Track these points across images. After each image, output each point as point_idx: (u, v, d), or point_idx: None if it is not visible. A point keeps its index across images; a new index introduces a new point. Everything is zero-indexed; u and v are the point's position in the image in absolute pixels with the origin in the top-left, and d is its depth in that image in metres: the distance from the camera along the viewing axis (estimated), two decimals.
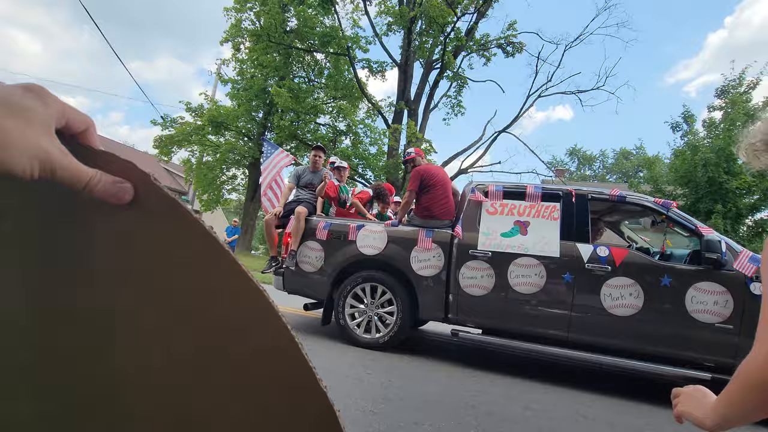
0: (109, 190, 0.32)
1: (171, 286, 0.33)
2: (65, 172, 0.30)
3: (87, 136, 0.34)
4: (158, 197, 0.32)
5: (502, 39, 17.88)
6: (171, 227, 0.32)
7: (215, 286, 0.33)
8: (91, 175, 0.31)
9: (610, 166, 50.29)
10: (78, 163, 0.31)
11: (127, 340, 0.34)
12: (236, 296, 0.32)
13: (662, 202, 3.57)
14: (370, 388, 2.79)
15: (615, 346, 3.37)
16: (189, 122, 17.98)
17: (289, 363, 0.34)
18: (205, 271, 0.32)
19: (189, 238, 0.32)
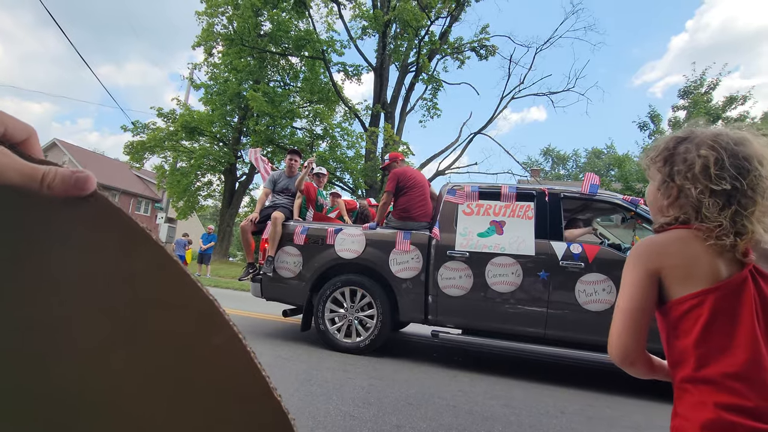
0: (68, 182, 0.29)
1: (118, 296, 0.32)
2: (13, 172, 0.28)
3: (28, 146, 0.32)
4: (104, 204, 0.30)
5: (476, 42, 18.20)
6: (116, 235, 0.30)
7: (163, 298, 0.31)
8: (44, 171, 0.29)
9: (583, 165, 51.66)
10: (26, 162, 0.29)
11: (74, 353, 0.33)
12: (184, 305, 0.31)
13: (630, 199, 3.68)
14: (351, 392, 2.77)
15: (591, 341, 3.44)
16: (161, 128, 17.56)
17: (241, 371, 0.33)
18: (151, 280, 0.31)
19: (134, 247, 0.30)
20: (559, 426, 2.51)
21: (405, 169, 4.33)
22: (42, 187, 0.29)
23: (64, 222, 0.30)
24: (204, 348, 0.32)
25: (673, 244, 0.77)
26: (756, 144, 0.75)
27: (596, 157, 48.72)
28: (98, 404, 0.33)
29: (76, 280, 0.31)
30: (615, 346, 0.79)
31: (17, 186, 0.28)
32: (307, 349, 3.95)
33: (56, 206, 0.30)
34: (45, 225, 0.31)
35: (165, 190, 18.67)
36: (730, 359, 0.68)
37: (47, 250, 0.31)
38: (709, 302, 0.70)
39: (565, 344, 3.53)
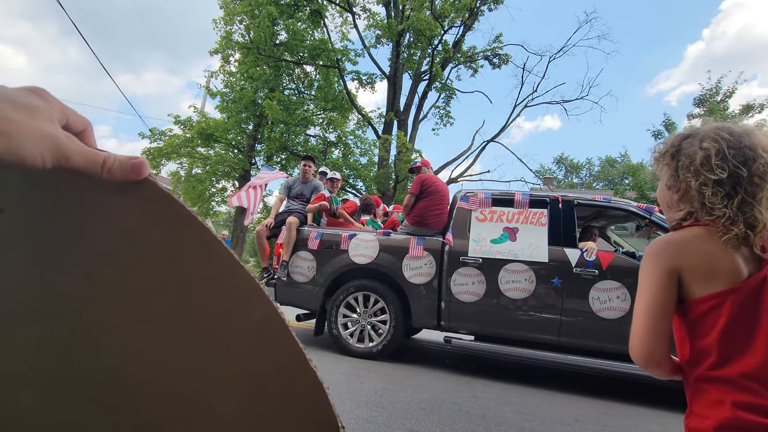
0: (126, 167, 0.32)
1: (167, 277, 0.35)
2: (79, 156, 0.31)
3: (85, 137, 0.34)
4: (153, 190, 0.33)
5: (489, 51, 18.24)
6: (166, 219, 0.33)
7: (210, 276, 0.34)
8: (104, 156, 0.32)
9: (597, 174, 51.02)
10: (89, 148, 0.32)
11: (124, 331, 0.36)
12: (228, 284, 0.34)
13: (645, 206, 3.66)
14: (364, 396, 2.79)
15: (605, 349, 3.42)
16: (177, 134, 17.90)
17: (279, 344, 0.36)
18: (201, 261, 0.34)
19: (184, 230, 0.33)
20: None
21: (431, 176, 4.39)
22: (103, 171, 0.32)
23: (121, 205, 0.34)
24: (246, 321, 0.36)
25: (691, 241, 0.76)
26: (760, 134, 0.76)
27: (610, 165, 48.10)
28: (150, 379, 0.37)
29: (131, 259, 0.34)
30: (638, 348, 0.77)
31: (81, 170, 0.31)
32: (320, 353, 3.99)
33: (114, 190, 0.33)
34: (103, 208, 0.34)
35: (180, 195, 18.93)
36: (747, 359, 0.69)
37: (106, 231, 0.34)
38: (728, 303, 0.70)
39: (579, 352, 3.51)
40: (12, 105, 0.28)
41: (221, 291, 0.35)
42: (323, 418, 0.37)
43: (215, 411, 0.37)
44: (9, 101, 0.28)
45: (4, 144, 0.27)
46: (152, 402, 0.37)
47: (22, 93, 0.30)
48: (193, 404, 0.37)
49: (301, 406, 0.37)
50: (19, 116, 0.28)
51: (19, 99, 0.29)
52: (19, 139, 0.28)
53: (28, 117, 0.29)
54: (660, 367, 0.78)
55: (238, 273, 0.35)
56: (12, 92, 0.29)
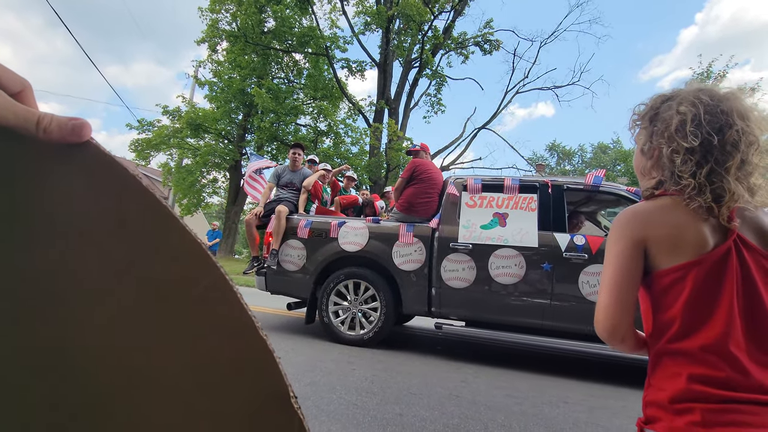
0: (65, 128, 0.30)
1: (114, 244, 0.33)
2: (9, 113, 0.28)
3: (24, 98, 0.32)
4: (97, 154, 0.31)
5: (479, 37, 18.10)
6: (112, 184, 0.32)
7: (156, 242, 0.33)
8: (40, 114, 0.29)
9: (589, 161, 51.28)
10: (22, 105, 0.29)
11: (70, 298, 0.34)
12: (176, 249, 0.33)
13: (635, 190, 3.66)
14: (355, 382, 2.79)
15: (594, 333, 3.43)
16: (166, 125, 17.64)
17: (228, 311, 0.34)
18: (147, 227, 0.33)
19: (130, 195, 0.32)
20: (562, 415, 2.52)
21: (425, 162, 4.33)
22: (38, 130, 0.29)
23: (60, 169, 0.31)
24: (194, 288, 0.34)
25: (657, 212, 0.74)
26: (740, 100, 0.72)
27: (602, 152, 48.29)
28: (95, 347, 0.35)
29: (73, 224, 0.32)
30: (602, 321, 0.76)
31: (12, 127, 0.28)
32: (311, 341, 3.98)
33: (52, 153, 0.30)
34: (43, 172, 0.31)
35: (170, 187, 18.77)
36: (707, 332, 0.68)
37: (45, 196, 0.32)
38: (691, 276, 0.69)
39: (569, 336, 3.53)
40: None
41: (168, 257, 0.34)
42: (276, 389, 0.36)
43: (162, 380, 0.35)
44: None
45: None
46: (99, 372, 0.36)
47: None
48: (138, 373, 0.35)
49: (253, 378, 0.36)
50: None
51: None
52: None
53: None
54: (624, 342, 0.77)
55: (186, 240, 0.33)
56: None
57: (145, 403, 0.36)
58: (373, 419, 2.21)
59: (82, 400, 0.36)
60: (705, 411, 0.64)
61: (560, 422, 2.40)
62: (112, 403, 0.36)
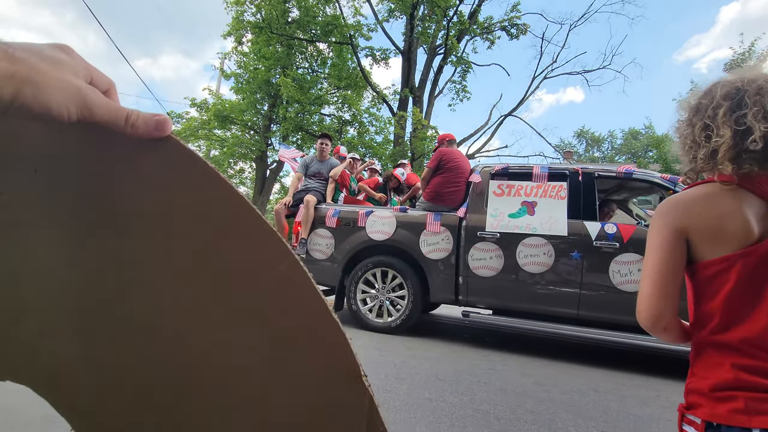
0: (150, 123, 0.32)
1: (196, 233, 0.36)
2: (103, 109, 0.31)
3: (110, 96, 0.35)
4: (177, 147, 0.34)
5: (506, 21, 17.63)
6: (192, 176, 0.34)
7: (237, 230, 0.36)
8: (128, 111, 0.33)
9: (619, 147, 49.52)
10: (113, 102, 0.32)
11: (157, 286, 0.37)
12: (255, 238, 0.35)
13: (669, 177, 3.56)
14: (384, 369, 2.86)
15: (626, 323, 3.39)
16: (195, 117, 18.08)
17: (304, 294, 0.37)
18: (227, 217, 0.35)
19: (210, 187, 0.34)
20: (592, 403, 2.52)
21: (451, 150, 4.33)
22: (127, 125, 0.32)
23: (149, 161, 0.34)
24: (273, 272, 0.36)
25: (700, 202, 0.73)
26: None
27: (633, 138, 46.47)
28: (178, 331, 0.39)
29: (161, 216, 0.36)
30: (645, 311, 0.76)
31: (105, 123, 0.32)
32: None
33: (138, 146, 0.33)
34: (128, 163, 0.35)
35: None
36: (749, 326, 0.67)
37: (137, 188, 0.35)
38: (737, 268, 0.68)
39: (600, 325, 3.50)
40: (38, 57, 0.29)
41: (248, 244, 0.36)
42: (347, 367, 0.39)
43: (243, 354, 0.39)
44: (35, 53, 0.29)
45: (31, 93, 0.28)
46: (182, 355, 0.39)
47: (48, 47, 0.31)
48: (221, 347, 0.39)
49: (327, 356, 0.38)
50: (45, 66, 0.29)
51: (45, 51, 0.30)
52: (45, 89, 0.28)
53: (54, 68, 0.29)
54: (667, 331, 0.76)
55: (262, 227, 0.35)
56: (38, 46, 0.30)
57: (227, 374, 0.39)
58: (404, 404, 2.27)
59: (169, 373, 0.40)
60: (749, 399, 0.65)
61: (590, 410, 2.40)
62: (198, 375, 0.40)
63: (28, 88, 0.28)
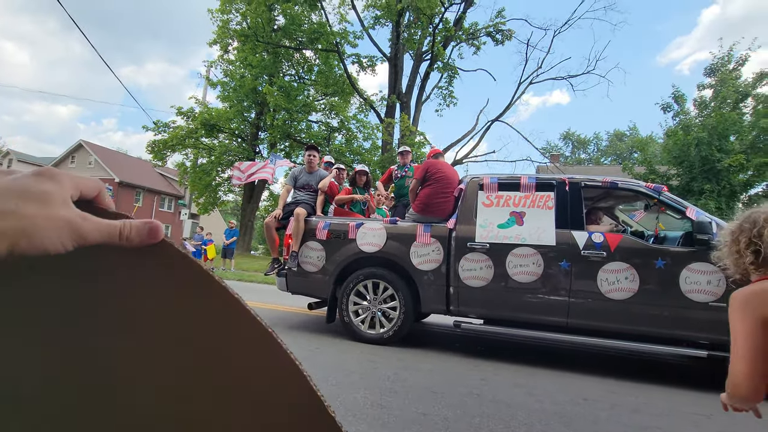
0: (142, 232, 0.34)
1: (192, 336, 0.37)
2: (95, 233, 0.32)
3: (100, 200, 0.36)
4: (171, 251, 0.35)
5: (491, 27, 17.87)
6: (187, 278, 0.35)
7: (229, 334, 0.36)
8: (120, 226, 0.33)
9: (605, 149, 50.39)
10: (104, 221, 0.33)
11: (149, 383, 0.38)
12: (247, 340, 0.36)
13: (653, 186, 3.64)
14: (377, 382, 2.87)
15: (614, 330, 3.45)
16: (182, 126, 17.94)
17: (293, 391, 0.38)
18: (220, 319, 0.36)
19: (204, 289, 0.35)
20: (583, 413, 2.56)
21: (438, 162, 4.37)
22: (121, 240, 0.33)
23: (147, 267, 0.35)
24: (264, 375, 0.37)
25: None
26: None
27: (618, 140, 47.40)
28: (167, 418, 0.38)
29: (153, 315, 0.36)
30: (746, 389, 0.91)
31: (100, 243, 0.33)
32: (332, 340, 4.08)
33: (138, 253, 0.34)
34: (133, 270, 0.35)
35: (187, 186, 19.11)
36: None
37: (137, 293, 0.36)
38: None
39: (588, 333, 3.55)
40: (24, 199, 0.29)
41: (240, 347, 0.37)
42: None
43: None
44: (21, 196, 0.29)
45: (26, 243, 0.28)
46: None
47: (34, 181, 0.31)
48: None
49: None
50: (33, 209, 0.29)
51: (31, 189, 0.30)
52: (38, 234, 0.29)
53: (43, 207, 0.30)
54: (760, 399, 0.93)
55: (255, 327, 0.36)
56: (24, 183, 0.30)
57: None
58: (398, 419, 2.28)
59: None
60: None
61: (581, 420, 2.44)
62: None
63: (22, 239, 0.28)
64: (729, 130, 12.24)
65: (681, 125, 13.43)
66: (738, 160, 11.65)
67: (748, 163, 11.94)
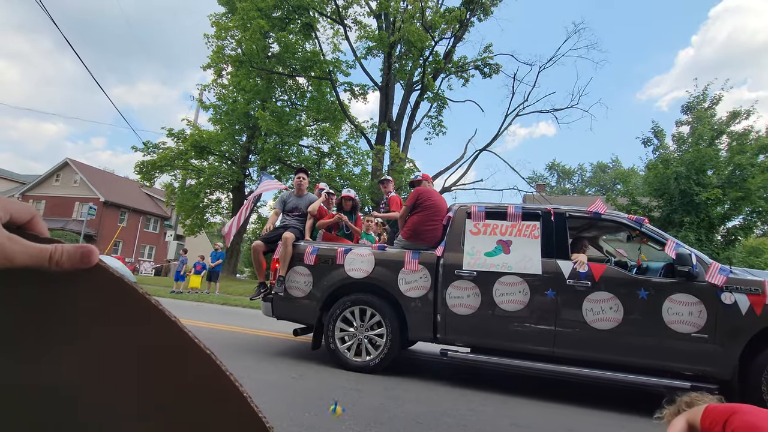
0: (74, 256, 0.33)
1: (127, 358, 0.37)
2: (23, 255, 0.31)
3: (33, 225, 0.35)
4: (105, 276, 0.35)
5: (479, 61, 18.51)
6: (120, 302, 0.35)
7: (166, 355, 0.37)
8: (51, 250, 0.32)
9: (589, 180, 51.58)
10: (33, 244, 0.32)
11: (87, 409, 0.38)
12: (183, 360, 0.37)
13: (635, 218, 3.74)
14: (363, 412, 2.81)
15: (599, 359, 3.47)
16: (171, 147, 17.91)
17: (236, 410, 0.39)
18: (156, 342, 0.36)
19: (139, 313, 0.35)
20: None
21: (429, 190, 4.44)
22: (51, 264, 0.32)
23: (70, 293, 0.35)
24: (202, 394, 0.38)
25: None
26: None
27: (602, 171, 48.66)
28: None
29: (90, 343, 0.36)
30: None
31: (28, 266, 0.32)
32: (317, 367, 4.00)
33: (63, 280, 0.34)
34: (54, 296, 0.35)
35: (173, 208, 18.92)
36: None
37: (59, 320, 0.36)
38: None
39: (574, 362, 3.56)
40: None
41: (176, 369, 0.37)
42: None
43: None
44: None
45: None
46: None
47: None
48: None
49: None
50: None
51: None
52: None
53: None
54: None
55: (191, 348, 0.37)
56: None
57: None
58: None
59: None
60: None
61: None
62: None
63: None
64: (706, 165, 12.70)
65: (660, 159, 13.89)
66: (715, 194, 12.04)
67: (725, 197, 12.34)
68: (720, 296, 3.24)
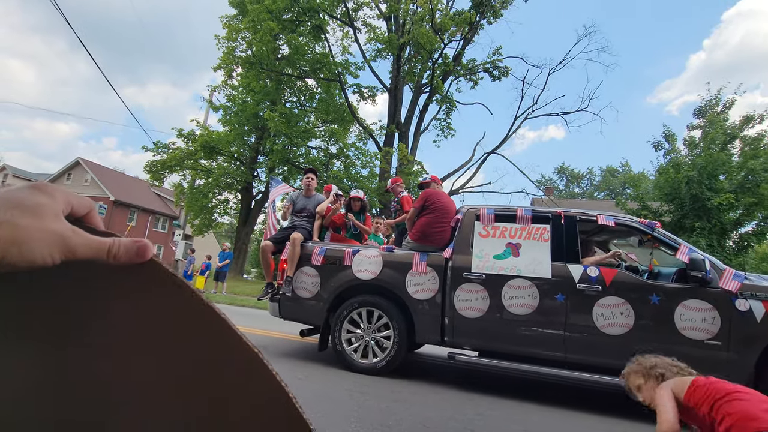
0: (131, 251, 0.34)
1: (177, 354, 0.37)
2: (85, 248, 0.32)
3: (90, 218, 0.37)
4: (159, 270, 0.35)
5: (488, 63, 18.45)
6: (173, 297, 0.35)
7: (215, 353, 0.37)
8: (109, 243, 0.33)
9: (598, 184, 51.12)
10: (94, 237, 0.33)
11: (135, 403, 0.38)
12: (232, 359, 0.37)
13: (647, 222, 3.69)
14: (369, 414, 2.79)
15: (610, 365, 3.41)
16: (181, 148, 18.06)
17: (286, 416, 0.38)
18: (206, 338, 0.36)
19: (190, 309, 0.36)
20: None
21: (437, 191, 4.42)
22: (109, 257, 0.33)
23: (126, 285, 0.35)
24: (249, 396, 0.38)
25: None
26: None
27: (611, 175, 48.19)
28: None
29: (143, 337, 0.36)
30: None
31: (88, 259, 0.33)
32: (324, 369, 3.99)
33: (119, 272, 0.34)
34: (110, 288, 0.36)
35: (182, 207, 19.07)
36: None
37: (113, 310, 0.36)
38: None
39: (584, 368, 3.51)
40: (20, 210, 0.30)
41: (225, 365, 0.37)
42: None
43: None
44: (17, 207, 0.30)
45: (17, 251, 0.29)
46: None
47: (29, 193, 0.31)
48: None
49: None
50: (27, 220, 0.30)
51: (26, 202, 0.30)
52: (30, 244, 0.29)
53: (36, 219, 0.30)
54: None
55: (240, 346, 0.37)
56: (19, 196, 0.31)
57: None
58: None
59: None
60: None
61: None
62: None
63: (13, 248, 0.29)
64: (718, 169, 12.50)
65: (672, 163, 13.70)
66: (728, 199, 11.84)
67: (738, 203, 12.13)
68: (734, 303, 3.18)
